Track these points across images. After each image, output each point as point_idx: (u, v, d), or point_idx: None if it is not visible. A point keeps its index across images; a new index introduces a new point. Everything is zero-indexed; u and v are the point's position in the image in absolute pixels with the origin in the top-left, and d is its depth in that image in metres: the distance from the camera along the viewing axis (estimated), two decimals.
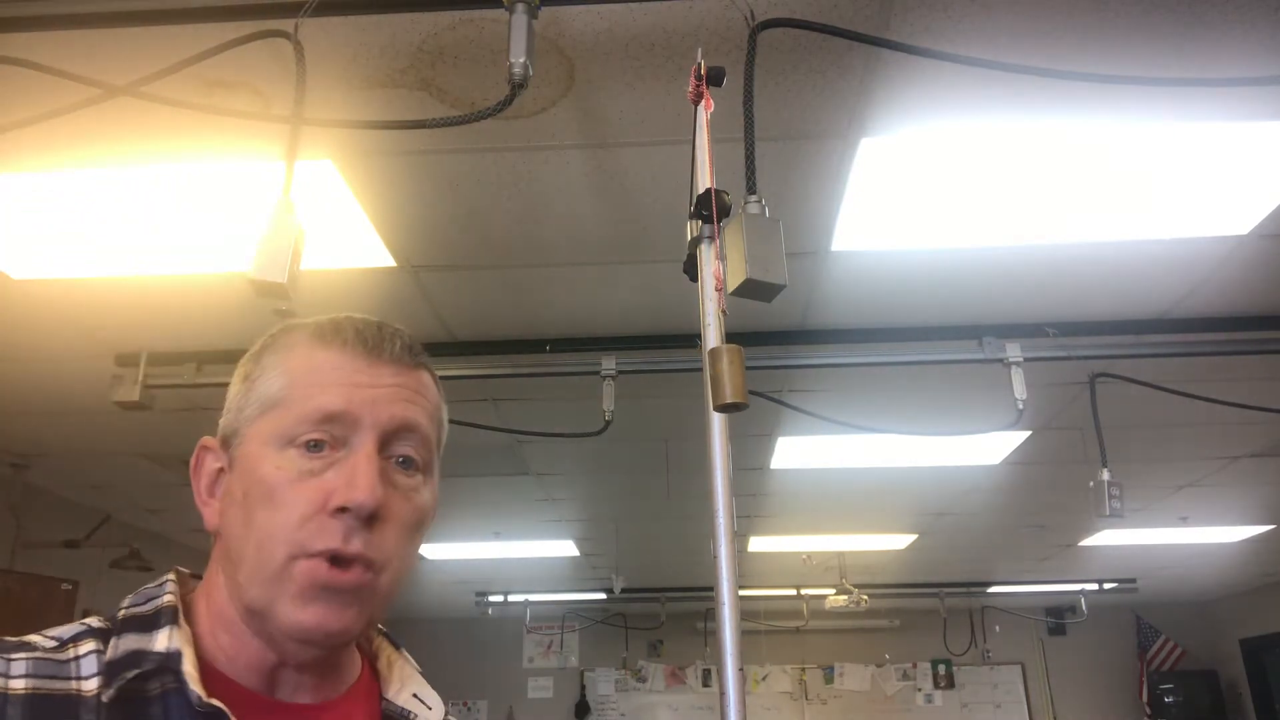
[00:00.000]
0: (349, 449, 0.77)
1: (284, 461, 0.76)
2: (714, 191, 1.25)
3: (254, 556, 0.75)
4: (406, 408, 0.80)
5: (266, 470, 0.76)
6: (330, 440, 0.77)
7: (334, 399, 0.77)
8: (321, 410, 0.77)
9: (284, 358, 0.81)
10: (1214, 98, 1.98)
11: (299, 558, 0.74)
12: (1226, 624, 8.13)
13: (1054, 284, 2.77)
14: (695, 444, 3.08)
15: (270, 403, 0.78)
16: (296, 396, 0.78)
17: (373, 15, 1.72)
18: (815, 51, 1.84)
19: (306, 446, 0.76)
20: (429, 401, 0.84)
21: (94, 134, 2.03)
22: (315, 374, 0.79)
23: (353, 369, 0.79)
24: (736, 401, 1.12)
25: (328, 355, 0.80)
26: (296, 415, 0.77)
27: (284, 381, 0.79)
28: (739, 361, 1.14)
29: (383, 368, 0.81)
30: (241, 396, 0.81)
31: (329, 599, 0.74)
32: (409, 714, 0.87)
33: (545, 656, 8.81)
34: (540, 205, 2.37)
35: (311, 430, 0.76)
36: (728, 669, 1.05)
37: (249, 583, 0.75)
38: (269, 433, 0.77)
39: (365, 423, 0.77)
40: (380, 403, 0.79)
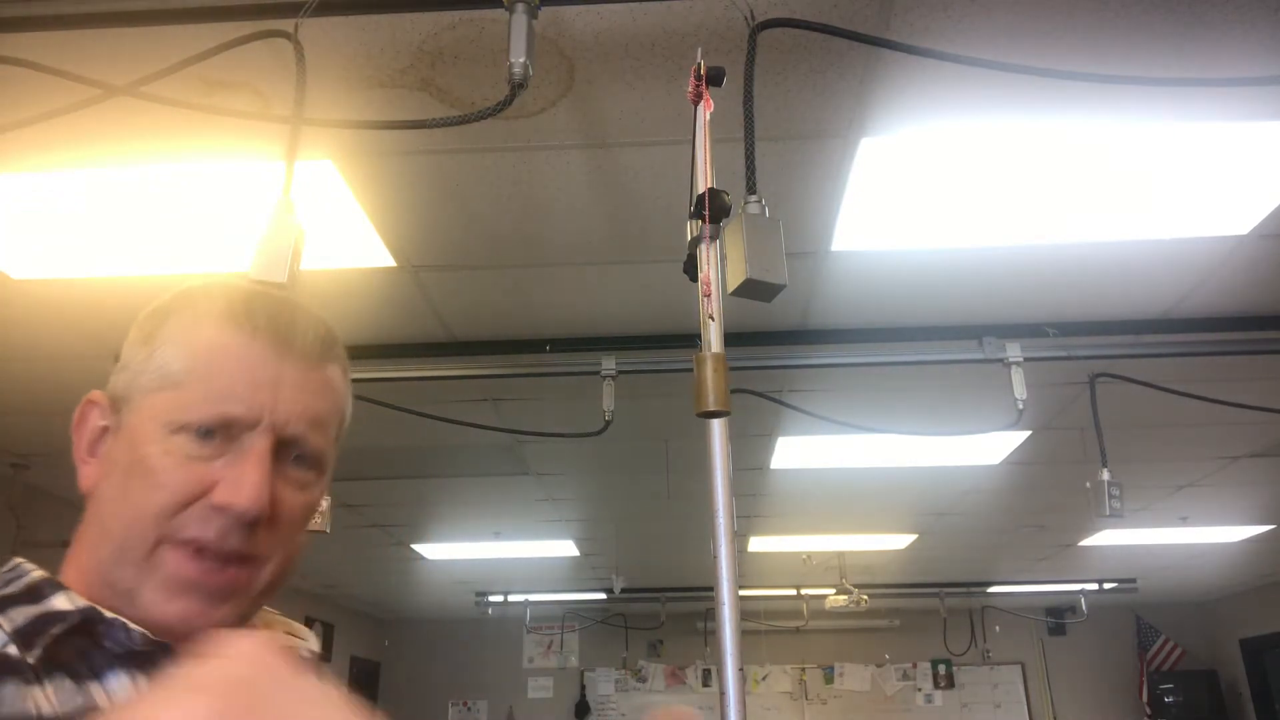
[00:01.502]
0: (240, 446, 0.74)
1: (172, 446, 0.73)
2: (714, 191, 1.25)
3: (122, 534, 0.72)
4: (308, 408, 0.77)
5: (152, 451, 0.73)
6: (223, 434, 0.74)
7: (233, 402, 0.74)
8: (219, 412, 0.73)
9: (189, 333, 0.77)
10: (1214, 98, 1.98)
11: (167, 543, 0.71)
12: (1226, 624, 8.13)
13: (1054, 284, 2.77)
14: (695, 444, 3.08)
15: (168, 380, 0.75)
16: (196, 384, 0.74)
17: (373, 15, 1.72)
18: (815, 51, 1.84)
19: (198, 434, 0.73)
20: (333, 401, 0.81)
21: (94, 134, 2.03)
22: (219, 359, 0.75)
23: (259, 361, 0.76)
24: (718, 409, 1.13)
25: (235, 340, 0.76)
26: (193, 401, 0.73)
27: (185, 363, 0.75)
28: (723, 370, 1.14)
29: (289, 364, 0.77)
30: (140, 360, 0.77)
31: (197, 595, 0.72)
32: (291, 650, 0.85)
33: (545, 656, 8.81)
34: (540, 205, 2.37)
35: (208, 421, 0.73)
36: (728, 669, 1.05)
37: (114, 562, 0.72)
38: (161, 413, 0.74)
39: (263, 423, 0.74)
40: (281, 404, 0.75)
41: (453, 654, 8.83)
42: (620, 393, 2.93)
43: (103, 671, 0.68)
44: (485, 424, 3.47)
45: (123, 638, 0.69)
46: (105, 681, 0.68)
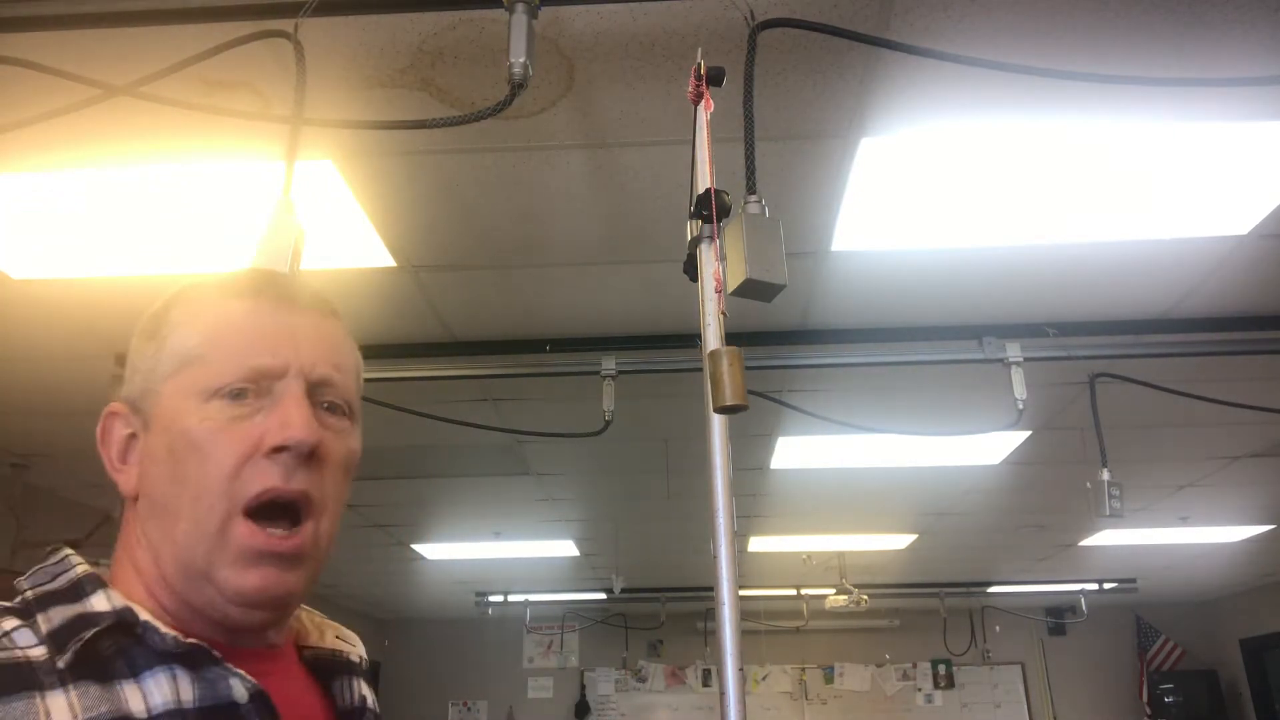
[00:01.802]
0: (274, 395, 0.75)
1: (209, 412, 0.74)
2: (714, 191, 1.25)
3: (190, 511, 0.73)
4: (328, 352, 0.79)
5: (191, 422, 0.74)
6: (255, 389, 0.75)
7: (258, 350, 0.76)
8: (245, 365, 0.75)
9: (195, 312, 0.78)
10: (1214, 98, 1.98)
11: (235, 514, 0.72)
12: (1226, 624, 8.13)
13: (1054, 284, 2.77)
14: (695, 444, 3.08)
15: (186, 359, 0.76)
16: (217, 350, 0.75)
17: (373, 15, 1.72)
18: (815, 51, 1.84)
19: (230, 395, 0.74)
20: (349, 350, 0.84)
21: (94, 134, 2.03)
22: (233, 325, 0.77)
23: (271, 317, 0.78)
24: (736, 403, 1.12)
25: (243, 305, 0.78)
26: (219, 368, 0.75)
27: (199, 337, 0.76)
28: (739, 363, 1.14)
29: (300, 314, 0.80)
30: (152, 356, 0.78)
31: (271, 563, 0.73)
32: (339, 653, 0.87)
33: (545, 656, 8.81)
34: (540, 205, 2.37)
35: (236, 381, 0.74)
36: (728, 669, 1.05)
37: (189, 541, 0.73)
38: (189, 387, 0.75)
39: (291, 370, 0.76)
40: (303, 349, 0.77)
41: (453, 654, 8.83)
42: (620, 393, 2.93)
43: (142, 670, 0.68)
44: (485, 424, 3.47)
45: (156, 640, 0.69)
46: (143, 680, 0.67)
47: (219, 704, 0.69)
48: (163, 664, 0.68)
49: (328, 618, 0.92)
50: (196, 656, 0.69)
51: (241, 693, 0.70)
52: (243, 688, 0.70)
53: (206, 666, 0.70)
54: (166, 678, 0.68)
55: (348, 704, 0.84)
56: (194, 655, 0.69)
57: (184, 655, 0.69)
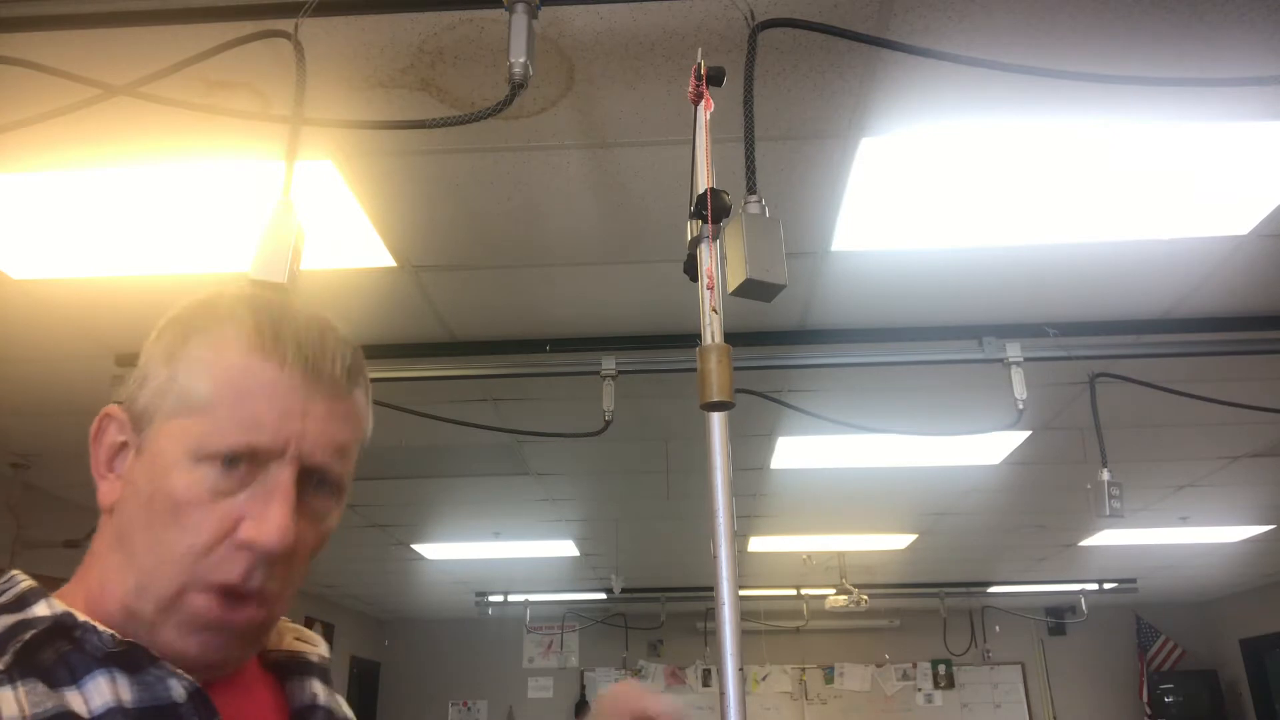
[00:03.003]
0: (265, 475, 0.73)
1: (196, 478, 0.72)
2: (714, 191, 1.25)
3: (149, 573, 0.72)
4: (334, 437, 0.77)
5: (176, 484, 0.72)
6: (248, 463, 0.73)
7: (261, 432, 0.73)
8: (249, 444, 0.72)
9: (214, 357, 0.75)
10: (1214, 98, 1.98)
11: (192, 590, 0.72)
12: (1226, 624, 8.13)
13: (1054, 284, 2.77)
14: (695, 444, 3.08)
15: (192, 406, 0.73)
16: (222, 412, 0.73)
17: (373, 15, 1.72)
18: (815, 51, 1.84)
19: (223, 463, 0.72)
20: (357, 428, 0.81)
21: (94, 134, 2.03)
22: (247, 389, 0.73)
23: (288, 391, 0.74)
24: (722, 399, 1.12)
25: (264, 370, 0.74)
26: (219, 435, 0.72)
27: (210, 387, 0.73)
28: (726, 361, 1.14)
29: (319, 394, 0.76)
30: (163, 380, 0.76)
31: (216, 633, 0.73)
32: (300, 654, 0.87)
33: (545, 656, 8.81)
34: (540, 205, 2.37)
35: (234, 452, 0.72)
36: (728, 669, 1.05)
37: (137, 595, 0.72)
38: (185, 440, 0.73)
39: (289, 453, 0.73)
40: (308, 435, 0.74)
41: (453, 654, 8.83)
42: (620, 393, 2.93)
43: (81, 675, 0.68)
44: (485, 424, 3.47)
45: (95, 640, 0.69)
46: (83, 685, 0.68)
47: (158, 705, 0.69)
48: (101, 668, 0.69)
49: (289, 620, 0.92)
50: (134, 657, 0.70)
51: (180, 692, 0.70)
52: (181, 688, 0.70)
53: (145, 669, 0.70)
54: (106, 681, 0.68)
55: (299, 703, 0.85)
56: (132, 655, 0.70)
57: (122, 655, 0.69)
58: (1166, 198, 2.33)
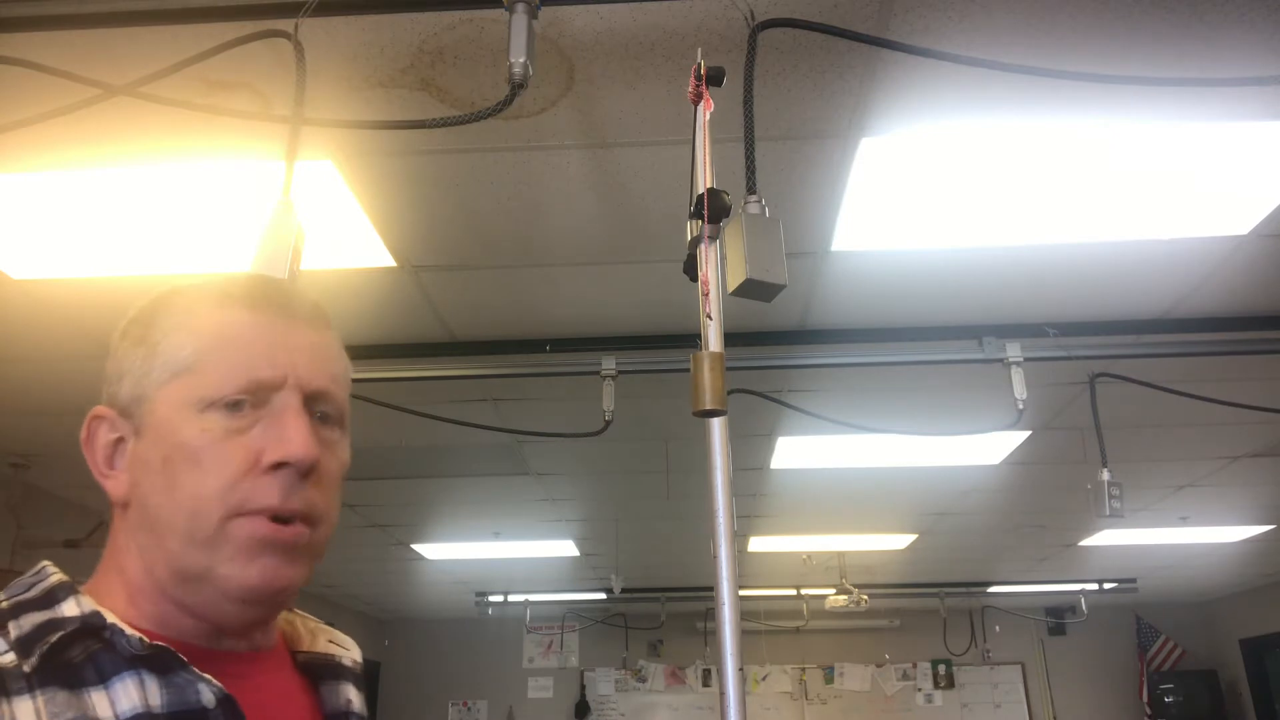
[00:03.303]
0: (271, 408, 0.75)
1: (207, 423, 0.74)
2: (714, 191, 1.25)
3: (185, 521, 0.73)
4: (325, 365, 0.80)
5: (189, 433, 0.73)
6: (252, 400, 0.75)
7: (257, 362, 0.75)
8: (250, 379, 0.75)
9: (187, 320, 0.77)
10: (1214, 98, 1.98)
11: (235, 516, 0.73)
12: (1226, 624, 8.13)
13: (1054, 284, 2.77)
14: (695, 444, 3.08)
15: (181, 367, 0.75)
16: (213, 360, 0.75)
17: (373, 15, 1.72)
18: (815, 51, 1.84)
19: (228, 407, 0.74)
20: (342, 363, 0.84)
21: (94, 134, 2.03)
22: (231, 335, 0.76)
23: (270, 328, 0.78)
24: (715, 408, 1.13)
25: (240, 315, 0.77)
26: (217, 378, 0.74)
27: (194, 346, 0.76)
28: (719, 368, 1.14)
29: (299, 327, 0.79)
30: (142, 361, 0.77)
31: (273, 554, 0.73)
32: (333, 657, 0.88)
33: (545, 656, 8.81)
34: (540, 205, 2.37)
35: (234, 393, 0.74)
36: (728, 669, 1.05)
37: (183, 549, 0.73)
38: (185, 397, 0.75)
39: (289, 381, 0.76)
40: (301, 363, 0.77)
41: (453, 654, 8.83)
42: (620, 393, 2.93)
43: (110, 675, 0.68)
44: (485, 424, 3.47)
45: (123, 643, 0.69)
46: (110, 686, 0.67)
47: (187, 709, 0.69)
48: (130, 669, 0.68)
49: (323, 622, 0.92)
50: (164, 660, 0.69)
51: (209, 698, 0.70)
52: (210, 693, 0.70)
53: (175, 671, 0.70)
54: (134, 683, 0.68)
55: (333, 708, 0.84)
56: (161, 659, 0.69)
57: (151, 659, 0.69)
58: (1166, 198, 2.33)
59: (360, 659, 0.92)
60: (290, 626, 0.89)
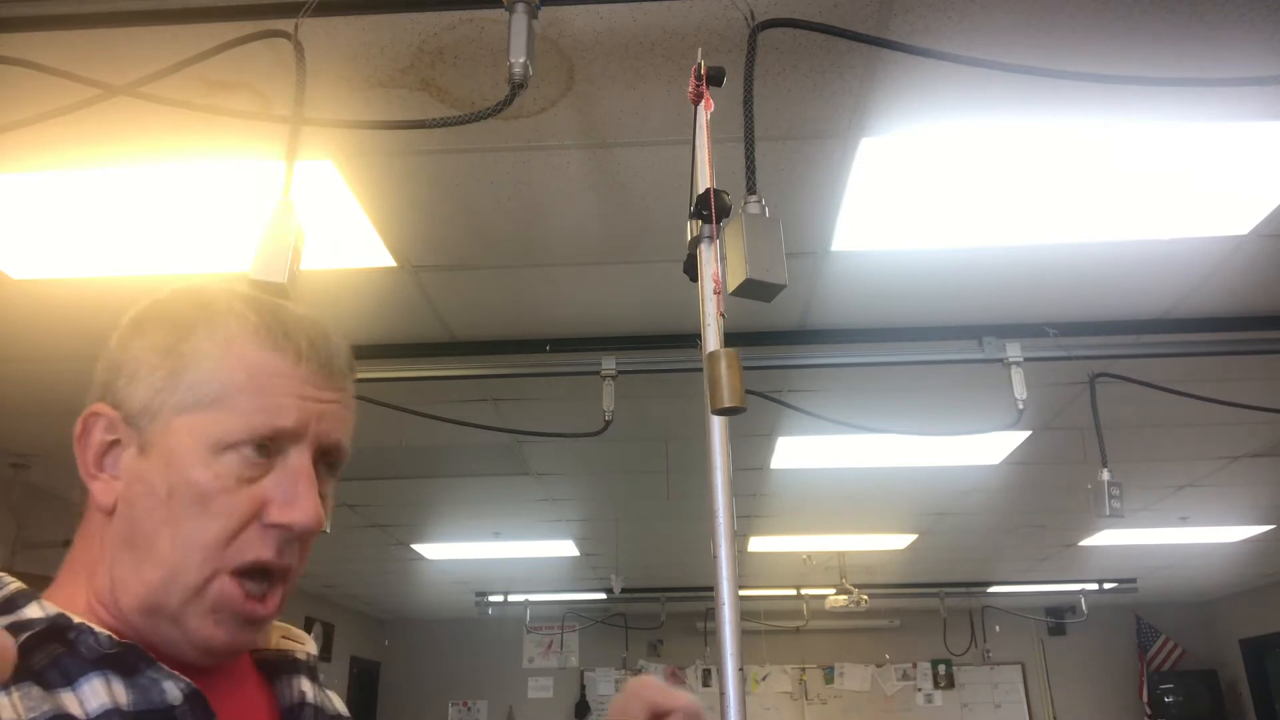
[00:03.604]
0: (285, 459, 0.75)
1: (221, 467, 0.73)
2: (714, 191, 1.25)
3: (172, 563, 0.72)
4: (345, 422, 0.81)
5: (202, 475, 0.72)
6: (271, 449, 0.75)
7: (286, 416, 0.75)
8: (272, 426, 0.74)
9: (223, 350, 0.76)
10: (1214, 98, 1.98)
11: (223, 574, 0.73)
12: (1226, 624, 8.13)
13: (1054, 284, 2.77)
14: (695, 444, 3.08)
15: (206, 400, 0.74)
16: (241, 403, 0.74)
17: (373, 15, 1.72)
18: (815, 51, 1.84)
19: (250, 450, 0.74)
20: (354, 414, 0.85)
21: (94, 134, 2.03)
22: (264, 382, 0.75)
23: (303, 381, 0.77)
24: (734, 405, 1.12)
25: (279, 364, 0.76)
26: (242, 424, 0.73)
27: (224, 380, 0.74)
28: (736, 366, 1.14)
29: (330, 384, 0.79)
30: (163, 376, 0.76)
31: (242, 623, 0.74)
32: (288, 653, 0.88)
33: (545, 656, 8.81)
34: (540, 205, 2.37)
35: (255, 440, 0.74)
36: (728, 669, 1.05)
37: (163, 585, 0.72)
38: (205, 433, 0.73)
39: (308, 437, 0.76)
40: (325, 420, 0.78)
41: (453, 654, 8.83)
42: (620, 393, 2.93)
43: (76, 677, 0.67)
44: (485, 424, 3.47)
45: (90, 642, 0.69)
46: (78, 687, 0.67)
47: (153, 708, 0.69)
48: (96, 670, 0.68)
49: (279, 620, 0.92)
50: (130, 658, 0.69)
51: (176, 694, 0.70)
52: (177, 689, 0.70)
53: (141, 671, 0.70)
54: (101, 683, 0.68)
55: (288, 701, 0.85)
56: (128, 657, 0.69)
57: (118, 657, 0.69)
58: (1166, 198, 2.33)
59: (315, 652, 0.92)
60: None
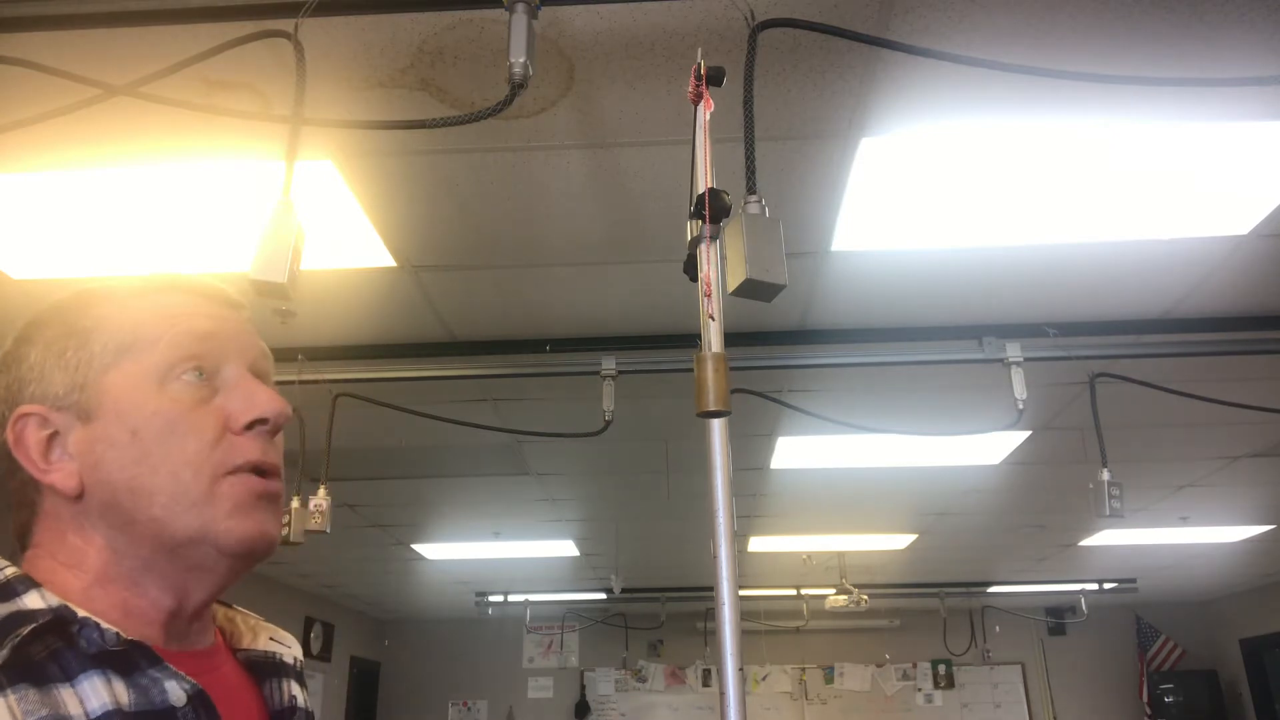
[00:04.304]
0: (224, 378, 0.79)
1: (173, 393, 0.76)
2: (714, 191, 1.25)
3: (170, 484, 0.74)
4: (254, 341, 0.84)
5: (158, 404, 0.76)
6: (207, 370, 0.78)
7: (201, 323, 0.79)
8: (192, 334, 0.78)
9: (119, 309, 0.80)
10: (1214, 98, 1.98)
11: (223, 475, 0.76)
12: (1226, 624, 8.13)
13: (1054, 284, 2.77)
14: (695, 444, 3.08)
15: (126, 348, 0.77)
16: (155, 334, 0.78)
17: (373, 15, 1.72)
18: (815, 51, 1.84)
19: (190, 375, 0.77)
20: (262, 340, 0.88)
21: (94, 134, 2.03)
22: (165, 311, 0.80)
23: (203, 306, 0.82)
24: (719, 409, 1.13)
25: (173, 298, 0.81)
26: (165, 347, 0.77)
27: (133, 325, 0.78)
28: (723, 370, 1.14)
29: (227, 310, 0.84)
30: (75, 351, 0.77)
31: (266, 507, 0.77)
32: (274, 654, 0.87)
33: (545, 656, 8.81)
34: (540, 205, 2.37)
35: (188, 359, 0.77)
36: (728, 669, 1.05)
37: (171, 513, 0.73)
38: (140, 373, 0.76)
39: (232, 352, 0.80)
40: (241, 336, 0.82)
41: (453, 654, 8.83)
42: (620, 393, 2.93)
43: (75, 673, 0.66)
44: (485, 424, 3.46)
45: (95, 637, 0.68)
46: (77, 684, 0.66)
47: (155, 709, 0.68)
48: (96, 668, 0.67)
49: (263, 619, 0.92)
50: (134, 657, 0.69)
51: (179, 695, 0.69)
52: (180, 689, 0.69)
53: (142, 670, 0.69)
54: (101, 682, 0.67)
55: (278, 705, 0.84)
56: (132, 655, 0.68)
57: (120, 655, 0.68)
58: (1166, 198, 2.33)
59: (301, 656, 0.91)
60: (230, 624, 0.88)
